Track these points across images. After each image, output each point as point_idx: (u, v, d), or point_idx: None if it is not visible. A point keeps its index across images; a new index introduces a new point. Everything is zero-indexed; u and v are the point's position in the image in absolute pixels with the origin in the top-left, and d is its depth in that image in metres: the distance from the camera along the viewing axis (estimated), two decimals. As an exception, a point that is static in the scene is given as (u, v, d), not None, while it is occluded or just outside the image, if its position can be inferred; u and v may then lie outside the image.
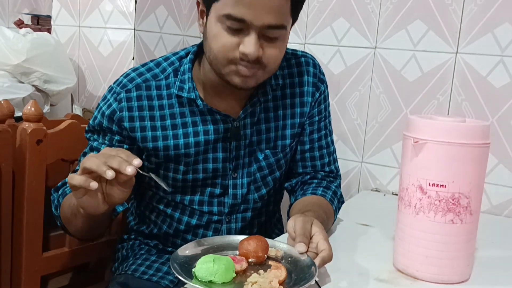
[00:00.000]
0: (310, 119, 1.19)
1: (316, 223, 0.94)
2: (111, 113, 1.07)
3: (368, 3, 1.63)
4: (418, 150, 0.89)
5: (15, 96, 1.56)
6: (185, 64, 1.09)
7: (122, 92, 1.07)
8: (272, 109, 1.15)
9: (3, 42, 1.59)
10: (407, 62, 1.58)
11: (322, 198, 1.14)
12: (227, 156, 1.12)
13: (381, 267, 0.99)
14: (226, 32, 0.95)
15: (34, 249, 1.26)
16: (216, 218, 1.16)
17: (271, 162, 1.16)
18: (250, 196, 1.16)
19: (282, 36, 0.99)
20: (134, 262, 1.18)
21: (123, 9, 1.72)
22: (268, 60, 0.99)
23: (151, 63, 1.12)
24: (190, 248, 0.91)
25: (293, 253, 0.90)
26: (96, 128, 1.10)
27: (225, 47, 0.96)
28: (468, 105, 1.51)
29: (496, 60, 1.46)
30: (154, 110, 1.08)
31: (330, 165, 1.24)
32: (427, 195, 0.89)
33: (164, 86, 1.09)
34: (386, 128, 1.64)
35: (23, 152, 1.22)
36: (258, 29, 0.94)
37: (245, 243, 0.91)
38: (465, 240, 0.91)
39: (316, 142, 1.21)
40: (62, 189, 1.09)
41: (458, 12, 1.50)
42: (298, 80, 1.17)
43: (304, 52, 1.21)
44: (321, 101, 1.20)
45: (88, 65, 1.83)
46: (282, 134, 1.16)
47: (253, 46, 0.94)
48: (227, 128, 1.10)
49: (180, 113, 1.09)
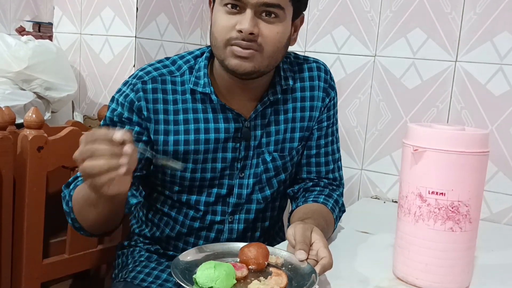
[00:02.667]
0: (318, 124, 1.20)
1: (316, 230, 0.94)
2: (130, 103, 1.07)
3: (368, 12, 1.64)
4: (417, 158, 0.90)
5: (16, 103, 1.57)
6: (200, 62, 1.11)
7: (138, 83, 1.08)
8: (282, 112, 1.16)
9: (5, 49, 1.60)
10: (406, 70, 1.59)
11: (323, 206, 1.14)
12: (236, 156, 1.13)
13: (381, 275, 0.99)
14: (226, 14, 1.00)
15: (34, 256, 1.26)
16: (219, 218, 1.16)
17: (278, 165, 1.17)
18: (254, 196, 1.17)
19: (280, 18, 1.01)
20: (134, 269, 1.18)
21: (124, 17, 1.73)
22: (265, 40, 1.00)
23: (167, 61, 1.13)
24: (191, 254, 0.92)
25: (293, 260, 0.90)
26: (115, 120, 1.08)
27: (223, 28, 1.00)
28: (467, 113, 1.51)
29: (495, 68, 1.47)
30: (168, 104, 1.08)
31: (334, 172, 1.24)
32: (426, 203, 0.89)
33: (179, 83, 1.10)
34: (386, 136, 1.64)
35: (24, 159, 1.23)
36: (254, 7, 0.98)
37: (245, 250, 0.91)
38: (464, 248, 0.91)
39: (323, 147, 1.21)
40: (74, 184, 1.07)
41: (457, 21, 1.51)
42: (309, 84, 1.19)
43: (316, 59, 1.23)
44: (331, 107, 1.21)
45: (89, 72, 1.84)
46: (290, 137, 1.17)
47: (247, 22, 0.97)
48: (238, 128, 1.11)
49: (193, 108, 1.10)
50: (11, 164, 1.22)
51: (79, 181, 1.06)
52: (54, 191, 1.37)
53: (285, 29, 1.03)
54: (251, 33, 0.98)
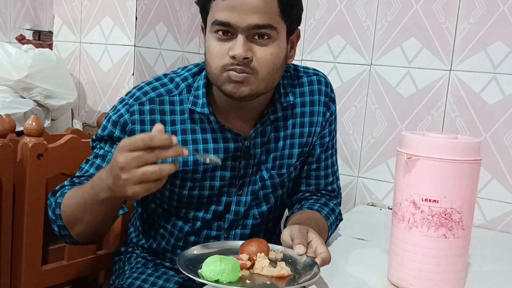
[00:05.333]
0: (321, 139, 1.19)
1: (312, 230, 0.96)
2: (123, 124, 1.06)
3: (363, 21, 1.66)
4: (411, 166, 0.92)
5: (16, 111, 1.58)
6: (199, 80, 1.09)
7: (135, 104, 1.06)
8: (282, 128, 1.14)
9: (5, 58, 1.62)
10: (402, 79, 1.61)
11: (317, 213, 1.15)
12: (235, 175, 1.12)
13: (376, 280, 1.00)
14: (217, 41, 0.98)
15: (33, 262, 1.27)
16: (214, 233, 1.16)
17: (275, 182, 1.16)
18: (251, 211, 1.17)
19: (273, 38, 0.99)
20: (130, 275, 1.19)
21: (124, 26, 1.75)
22: (259, 63, 0.98)
23: (165, 79, 1.11)
24: (196, 250, 0.93)
25: (292, 254, 0.92)
26: (105, 137, 1.08)
27: (217, 55, 0.98)
28: (462, 121, 1.53)
29: (489, 77, 1.49)
30: (166, 125, 1.07)
31: (332, 184, 1.24)
32: (420, 210, 0.91)
33: (177, 102, 1.08)
34: (382, 144, 1.66)
35: (24, 166, 1.24)
36: (245, 31, 0.96)
37: (246, 245, 0.92)
38: (457, 255, 0.93)
39: (323, 161, 1.21)
40: (61, 192, 1.06)
41: (452, 31, 1.53)
42: (309, 99, 1.17)
43: (316, 70, 1.21)
44: (332, 121, 1.20)
45: (89, 81, 1.86)
46: (289, 153, 1.16)
47: (239, 47, 0.95)
48: (237, 147, 1.10)
49: (191, 129, 1.08)
50: (11, 171, 1.23)
51: (66, 188, 1.06)
52: (53, 198, 1.38)
53: (280, 48, 1.01)
54: (245, 58, 0.96)
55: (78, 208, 0.98)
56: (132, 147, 0.81)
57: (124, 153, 0.81)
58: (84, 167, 1.09)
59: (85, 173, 1.08)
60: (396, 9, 1.61)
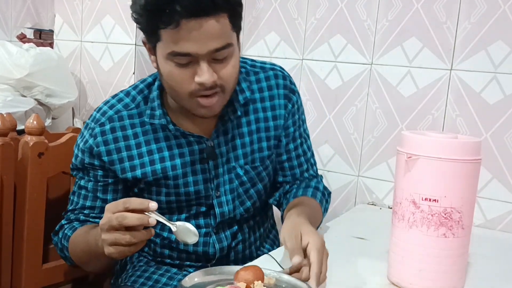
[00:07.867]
0: (285, 130, 1.21)
1: (305, 228, 0.95)
2: (89, 149, 1.10)
3: (364, 21, 1.66)
4: (411, 166, 0.92)
5: (17, 109, 1.59)
6: (153, 91, 1.11)
7: (96, 127, 1.10)
8: (245, 124, 1.16)
9: (6, 57, 1.62)
10: (402, 78, 1.61)
11: (303, 197, 1.17)
12: (207, 177, 1.14)
13: (376, 280, 1.00)
14: (178, 67, 0.98)
15: (34, 261, 1.28)
16: (204, 231, 1.16)
17: (252, 176, 1.18)
18: (237, 211, 1.18)
19: (231, 53, 1.00)
20: (133, 274, 1.20)
21: (125, 25, 1.75)
22: (225, 80, 1.01)
23: (121, 94, 1.14)
24: (197, 277, 0.91)
25: (285, 279, 0.90)
26: (79, 166, 1.13)
27: (182, 82, 0.99)
28: (462, 120, 1.53)
29: (490, 76, 1.49)
30: (129, 139, 1.10)
31: (308, 171, 1.26)
32: (420, 209, 0.91)
33: (136, 115, 1.11)
34: (382, 143, 1.66)
35: (24, 165, 1.24)
36: (206, 56, 0.96)
37: (242, 273, 0.91)
38: (457, 254, 0.93)
39: (293, 151, 1.23)
40: (62, 232, 1.13)
41: (452, 30, 1.53)
42: (268, 94, 1.18)
43: (273, 64, 1.22)
44: (295, 112, 1.22)
45: (90, 79, 1.86)
46: (259, 147, 1.18)
47: (206, 73, 0.96)
48: (201, 148, 1.12)
49: (154, 138, 1.11)
50: (12, 170, 1.24)
51: (66, 229, 1.12)
52: (54, 197, 1.39)
53: (237, 55, 1.03)
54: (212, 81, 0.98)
55: (85, 255, 1.06)
56: (114, 209, 0.88)
57: (106, 214, 0.89)
58: (74, 200, 1.15)
59: (76, 206, 1.14)
60: (397, 8, 1.60)
